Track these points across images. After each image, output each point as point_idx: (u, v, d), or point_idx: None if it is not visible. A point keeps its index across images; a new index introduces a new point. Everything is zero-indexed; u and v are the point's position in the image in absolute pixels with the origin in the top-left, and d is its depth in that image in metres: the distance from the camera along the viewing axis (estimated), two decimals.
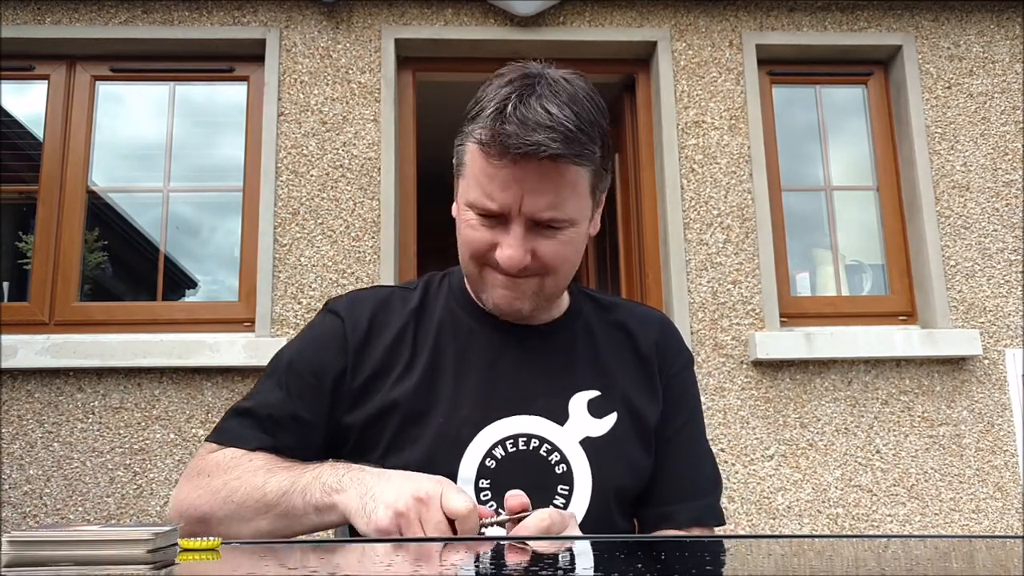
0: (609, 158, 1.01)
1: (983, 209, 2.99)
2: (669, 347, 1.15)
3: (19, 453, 2.62)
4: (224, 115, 3.09)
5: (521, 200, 0.93)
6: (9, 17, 2.92)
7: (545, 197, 0.93)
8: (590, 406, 1.05)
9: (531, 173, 0.92)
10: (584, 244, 1.04)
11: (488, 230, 0.97)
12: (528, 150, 0.90)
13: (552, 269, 0.99)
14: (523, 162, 0.91)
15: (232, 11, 2.98)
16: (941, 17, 3.14)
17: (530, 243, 0.96)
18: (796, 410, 2.79)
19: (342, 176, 2.88)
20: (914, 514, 2.74)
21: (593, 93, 0.98)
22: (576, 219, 0.98)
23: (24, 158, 3.15)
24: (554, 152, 0.90)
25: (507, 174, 0.92)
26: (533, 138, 0.90)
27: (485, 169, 0.94)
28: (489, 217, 0.96)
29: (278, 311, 2.75)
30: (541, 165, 0.91)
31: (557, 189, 0.94)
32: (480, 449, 1.00)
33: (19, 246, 3.19)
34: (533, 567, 0.59)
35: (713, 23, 3.08)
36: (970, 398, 2.83)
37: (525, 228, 0.95)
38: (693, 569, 0.60)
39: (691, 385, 1.16)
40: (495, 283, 1.00)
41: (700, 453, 1.14)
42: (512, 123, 0.90)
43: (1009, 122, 3.07)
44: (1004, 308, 2.92)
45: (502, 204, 0.94)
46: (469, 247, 1.00)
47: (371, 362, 1.04)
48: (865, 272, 3.12)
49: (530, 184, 0.93)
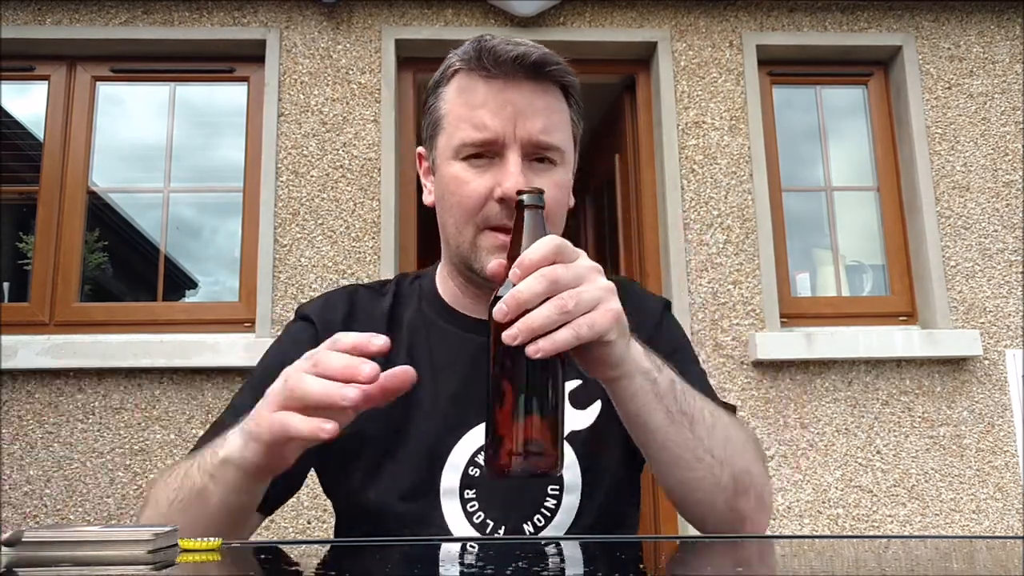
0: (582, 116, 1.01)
1: (983, 209, 2.99)
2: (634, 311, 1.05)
3: (19, 453, 2.62)
4: (224, 116, 3.09)
5: (515, 122, 0.91)
6: (9, 17, 2.92)
7: (539, 118, 0.92)
8: (572, 397, 0.99)
9: (522, 93, 0.92)
10: (568, 200, 1.00)
11: (481, 174, 0.93)
12: (517, 53, 0.90)
13: (550, 216, 0.92)
14: (512, 80, 0.91)
15: (232, 12, 2.98)
16: (941, 18, 3.14)
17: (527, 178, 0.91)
18: (796, 410, 2.79)
19: (342, 176, 2.88)
20: (914, 515, 2.74)
21: None
22: (565, 152, 0.96)
23: (24, 159, 3.16)
24: (540, 58, 0.91)
25: (498, 96, 0.92)
26: (519, 49, 0.91)
27: (472, 99, 0.93)
28: (480, 157, 0.93)
29: (278, 311, 2.75)
30: (531, 85, 0.92)
31: (549, 110, 0.94)
32: (462, 458, 0.95)
33: (19, 246, 3.19)
34: (533, 567, 0.59)
35: (713, 23, 3.08)
36: (970, 398, 2.83)
37: (522, 157, 0.92)
38: (694, 570, 0.59)
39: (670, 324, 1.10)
40: (492, 247, 0.93)
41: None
42: (496, 43, 0.92)
43: (1009, 122, 3.07)
44: (1004, 308, 2.91)
45: (496, 129, 0.91)
46: (461, 205, 0.94)
47: None
48: (865, 272, 3.12)
49: (522, 104, 0.92)
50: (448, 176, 0.95)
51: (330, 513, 2.72)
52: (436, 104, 0.97)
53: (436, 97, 0.98)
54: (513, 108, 0.91)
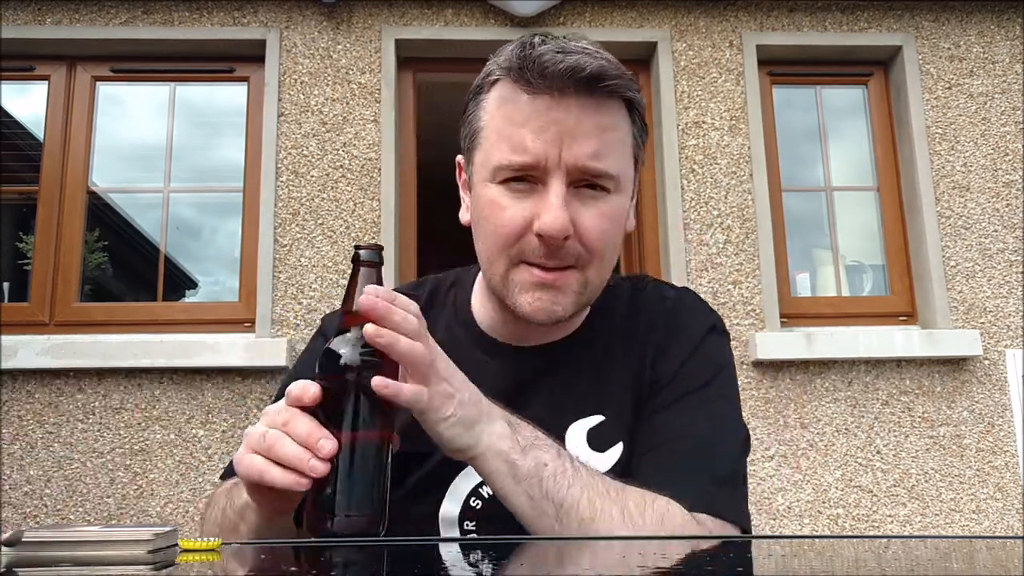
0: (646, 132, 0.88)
1: (983, 209, 2.99)
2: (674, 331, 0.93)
3: (19, 453, 2.62)
4: (224, 116, 3.09)
5: (561, 145, 0.79)
6: (9, 17, 2.92)
7: (588, 140, 0.80)
8: (591, 436, 0.89)
9: (570, 112, 0.79)
10: (624, 227, 0.88)
11: (520, 202, 0.82)
12: (568, 65, 0.77)
13: (595, 251, 0.83)
14: (558, 99, 0.79)
15: (232, 12, 2.98)
16: (941, 18, 3.14)
17: (571, 209, 0.81)
18: (796, 410, 2.79)
19: (342, 176, 2.88)
20: (914, 515, 2.74)
21: None
22: (620, 179, 0.84)
23: (24, 159, 3.16)
24: (596, 70, 0.78)
25: (542, 115, 0.79)
26: (571, 59, 0.78)
27: (514, 115, 0.81)
28: (521, 181, 0.82)
29: (278, 312, 2.75)
30: (581, 102, 0.79)
31: (601, 131, 0.81)
32: (465, 487, 0.89)
33: (19, 247, 3.19)
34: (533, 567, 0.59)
35: (713, 23, 3.08)
36: (970, 398, 2.83)
37: (566, 186, 0.81)
38: (693, 570, 0.60)
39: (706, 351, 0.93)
40: (527, 284, 0.84)
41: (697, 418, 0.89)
42: (544, 50, 0.79)
43: (1009, 122, 3.07)
44: (1004, 308, 2.91)
45: (537, 153, 0.80)
46: (496, 235, 0.83)
47: None
48: (865, 272, 3.12)
49: (570, 124, 0.79)
50: (484, 199, 0.85)
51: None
52: (475, 113, 0.86)
53: (476, 105, 0.87)
54: (559, 129, 0.79)
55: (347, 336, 0.72)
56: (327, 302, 2.77)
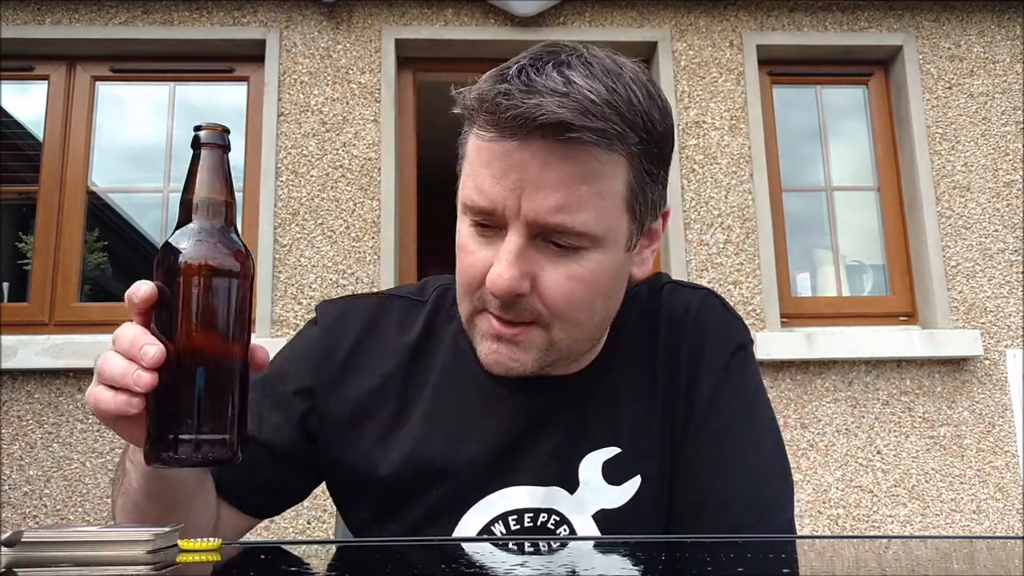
0: (661, 168, 0.76)
1: (984, 209, 2.99)
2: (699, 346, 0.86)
3: (19, 454, 2.62)
4: (224, 116, 3.09)
5: (520, 195, 0.70)
6: (9, 17, 2.92)
7: (552, 193, 0.69)
8: (606, 470, 0.82)
9: (535, 158, 0.69)
10: (615, 284, 0.78)
11: (484, 248, 0.74)
12: (521, 113, 0.67)
13: (557, 312, 0.74)
14: (525, 141, 0.68)
15: (232, 11, 2.98)
16: (942, 17, 3.14)
17: (530, 264, 0.72)
18: (797, 410, 2.79)
19: (342, 176, 2.88)
20: (915, 515, 2.74)
21: (650, 84, 0.74)
22: (598, 236, 0.72)
23: (24, 158, 3.16)
24: (557, 118, 0.66)
25: (504, 159, 0.70)
26: (532, 100, 0.67)
27: (479, 154, 0.72)
28: (485, 227, 0.74)
29: (278, 311, 2.75)
30: (550, 148, 0.68)
31: (570, 184, 0.69)
32: (473, 525, 0.82)
33: (19, 246, 3.19)
34: (534, 568, 0.59)
35: (714, 23, 3.08)
36: (971, 399, 2.83)
37: (526, 239, 0.72)
38: (694, 570, 0.59)
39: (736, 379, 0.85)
40: (487, 333, 0.77)
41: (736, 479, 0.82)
42: (514, 84, 0.69)
43: (1010, 122, 3.07)
44: (1005, 308, 2.91)
45: (495, 199, 0.71)
46: (462, 276, 0.77)
47: (346, 400, 0.86)
48: (866, 272, 3.12)
49: (533, 173, 0.69)
50: (458, 233, 0.78)
51: (330, 513, 2.72)
52: (463, 137, 0.77)
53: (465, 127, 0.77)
54: (520, 177, 0.69)
55: (187, 228, 0.63)
56: None
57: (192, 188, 0.65)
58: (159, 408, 0.61)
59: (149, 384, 0.60)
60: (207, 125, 0.66)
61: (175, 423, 0.60)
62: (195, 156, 0.66)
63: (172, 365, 0.61)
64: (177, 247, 0.62)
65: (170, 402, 0.61)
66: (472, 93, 0.72)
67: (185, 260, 0.62)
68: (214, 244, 0.63)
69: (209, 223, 0.64)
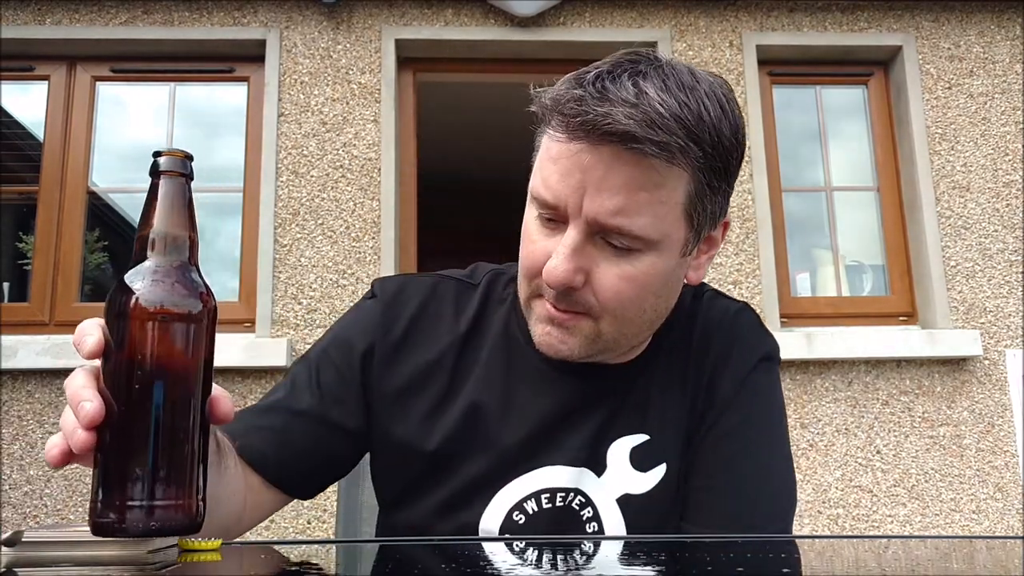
0: (724, 180, 0.78)
1: (983, 210, 2.99)
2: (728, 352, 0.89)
3: (19, 453, 2.62)
4: (224, 116, 3.09)
5: (583, 194, 0.73)
6: (9, 17, 2.92)
7: (613, 196, 0.73)
8: (633, 455, 0.86)
9: (601, 161, 0.72)
10: (668, 286, 0.81)
11: (547, 238, 0.78)
12: (590, 120, 0.70)
13: (607, 307, 0.78)
14: (593, 145, 0.72)
15: (232, 12, 2.98)
16: (941, 18, 3.14)
17: (586, 259, 0.76)
18: (796, 411, 2.79)
19: (342, 176, 2.88)
20: (914, 515, 2.74)
21: (727, 100, 0.77)
22: (654, 240, 0.76)
23: (24, 159, 3.16)
24: (623, 129, 0.69)
25: (571, 158, 0.73)
26: (602, 109, 0.70)
27: (549, 150, 0.76)
28: (549, 220, 0.78)
29: (278, 312, 2.75)
30: (616, 153, 0.71)
31: (631, 189, 0.73)
32: (507, 501, 0.85)
33: (19, 246, 3.19)
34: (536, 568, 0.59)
35: (713, 23, 3.08)
36: (970, 399, 2.83)
37: (584, 236, 0.75)
38: (693, 570, 0.60)
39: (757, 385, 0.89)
40: (541, 315, 0.81)
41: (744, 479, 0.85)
42: (588, 90, 0.72)
43: (1009, 123, 3.07)
44: (1004, 308, 2.92)
45: (559, 195, 0.75)
46: (523, 265, 0.81)
47: (400, 374, 0.89)
48: (865, 273, 3.12)
49: (597, 175, 0.72)
50: (525, 221, 0.82)
51: (330, 513, 2.72)
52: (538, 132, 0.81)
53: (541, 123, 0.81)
54: (584, 177, 0.73)
55: (143, 266, 0.57)
56: (327, 302, 2.77)
57: (150, 221, 0.58)
58: (105, 469, 0.54)
59: (84, 444, 0.54)
60: (167, 151, 0.59)
61: (122, 486, 0.53)
62: (153, 185, 0.59)
63: (121, 420, 0.54)
64: (131, 287, 0.56)
65: (117, 462, 0.54)
66: (549, 95, 0.76)
67: (138, 303, 0.55)
68: (172, 285, 0.57)
69: (167, 261, 0.57)
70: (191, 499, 0.55)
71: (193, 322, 0.57)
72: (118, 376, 0.55)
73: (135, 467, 0.53)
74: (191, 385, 0.57)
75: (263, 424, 0.87)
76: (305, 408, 0.88)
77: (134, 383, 0.54)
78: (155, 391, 0.55)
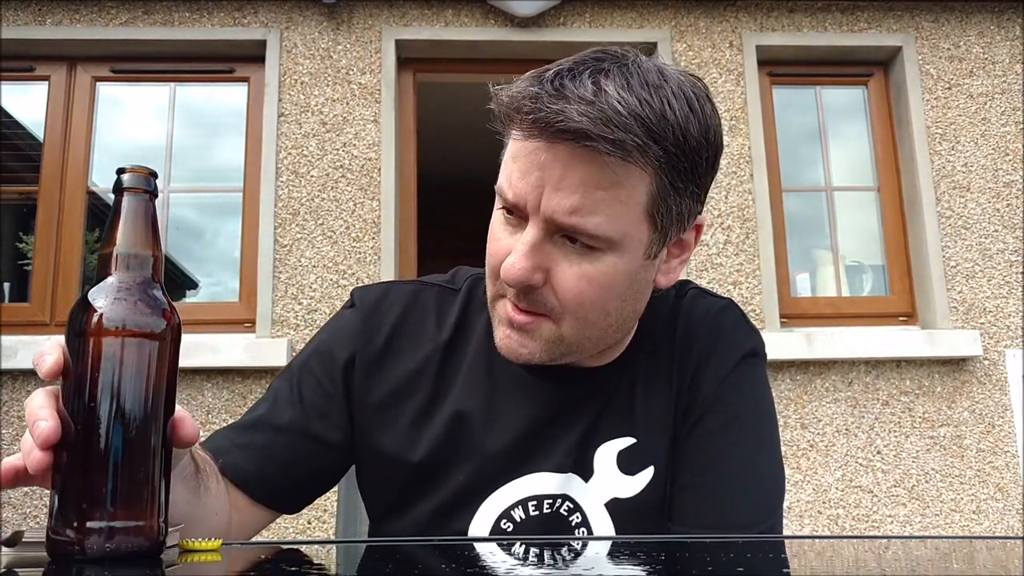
0: (692, 181, 0.76)
1: (983, 210, 2.99)
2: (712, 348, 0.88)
3: None
4: (224, 116, 3.09)
5: (541, 192, 0.73)
6: (9, 18, 2.92)
7: (570, 195, 0.71)
8: (620, 459, 0.85)
9: (558, 160, 0.71)
10: (632, 287, 0.79)
11: (509, 236, 0.78)
12: (542, 117, 0.69)
13: (568, 308, 0.77)
14: (549, 143, 0.71)
15: (232, 12, 2.98)
16: (941, 18, 3.14)
17: (545, 258, 0.75)
18: (796, 411, 2.79)
19: (342, 177, 2.88)
20: (915, 515, 2.74)
21: (697, 99, 0.75)
22: (613, 240, 0.74)
23: (24, 159, 3.15)
24: (577, 127, 0.68)
25: (529, 156, 0.73)
26: (556, 106, 0.69)
27: (510, 149, 0.76)
28: (512, 217, 0.78)
29: (278, 312, 2.75)
30: (571, 152, 0.70)
31: (587, 188, 0.71)
32: (495, 509, 0.85)
33: (20, 247, 3.19)
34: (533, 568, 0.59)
35: (713, 24, 3.08)
36: (971, 399, 2.83)
37: (543, 234, 0.74)
38: (693, 570, 0.60)
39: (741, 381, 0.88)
40: (503, 318, 0.80)
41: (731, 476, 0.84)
42: (545, 87, 0.71)
43: (1009, 123, 3.07)
44: (1004, 309, 2.92)
45: (517, 194, 0.74)
46: (488, 264, 0.81)
47: (383, 384, 0.88)
48: (865, 273, 3.12)
49: (555, 174, 0.71)
50: (492, 219, 0.81)
51: (330, 513, 2.72)
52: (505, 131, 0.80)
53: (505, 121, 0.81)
54: (542, 175, 0.72)
55: (105, 284, 0.56)
56: (327, 302, 2.77)
57: (113, 238, 0.57)
58: (63, 490, 0.53)
59: (39, 465, 0.53)
60: (131, 168, 0.58)
61: (80, 508, 0.52)
62: (117, 202, 0.58)
63: (80, 440, 0.53)
64: (93, 305, 0.55)
65: (76, 483, 0.53)
66: (507, 93, 0.75)
67: (99, 321, 0.54)
68: (134, 303, 0.56)
69: (130, 278, 0.57)
70: (152, 520, 0.55)
71: (155, 339, 0.56)
72: (79, 395, 0.54)
73: (93, 488, 0.53)
74: (152, 404, 0.55)
75: (245, 442, 0.87)
76: (287, 423, 0.87)
77: (94, 402, 0.54)
78: (115, 410, 0.54)
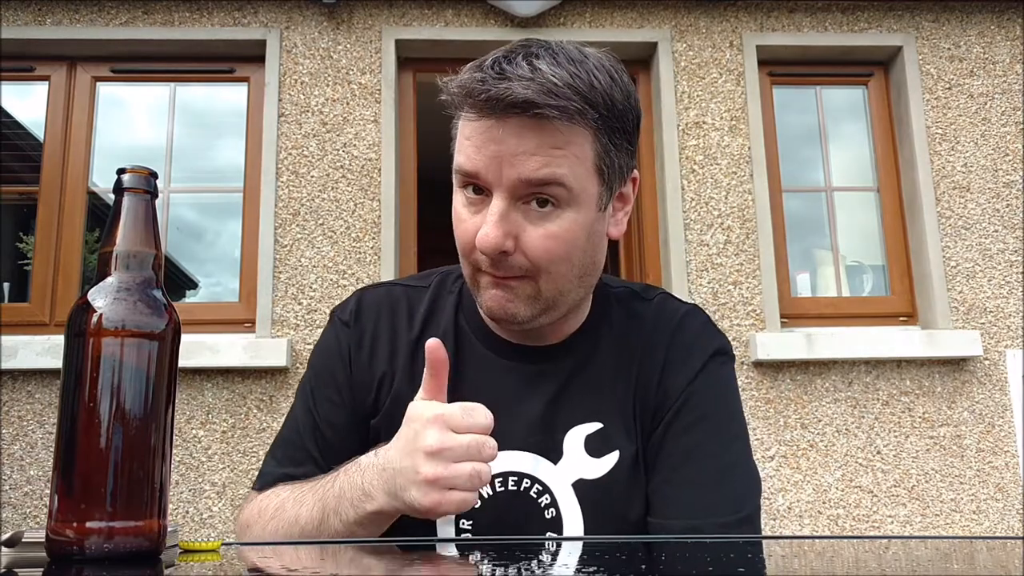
0: (625, 139, 0.85)
1: (983, 210, 2.99)
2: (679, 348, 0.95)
3: (19, 454, 2.62)
4: (224, 116, 3.09)
5: (500, 164, 0.80)
6: (9, 18, 2.92)
7: (531, 157, 0.79)
8: (588, 443, 0.91)
9: (511, 133, 0.79)
10: (590, 240, 0.87)
11: (473, 215, 0.84)
12: (492, 95, 0.78)
13: (540, 265, 0.84)
14: (501, 119, 0.79)
15: (233, 12, 2.98)
16: (941, 18, 3.14)
17: (512, 225, 0.82)
18: (797, 411, 2.79)
19: (342, 177, 2.88)
20: (915, 515, 2.74)
21: (615, 70, 0.84)
22: (574, 191, 0.82)
23: (25, 159, 3.16)
24: (524, 98, 0.77)
25: (484, 133, 0.80)
26: (502, 84, 0.78)
27: (463, 131, 0.83)
28: (475, 194, 0.84)
29: (278, 312, 2.75)
30: (522, 122, 0.79)
31: (544, 148, 0.79)
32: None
33: (19, 247, 3.19)
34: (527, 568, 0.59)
35: (714, 24, 3.08)
36: (971, 399, 2.83)
37: (508, 203, 0.81)
38: (693, 570, 0.59)
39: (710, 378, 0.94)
40: (486, 284, 0.87)
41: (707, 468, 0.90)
42: (487, 72, 0.80)
43: (1009, 123, 3.07)
44: (1005, 309, 2.91)
45: (477, 165, 0.81)
46: (459, 245, 0.87)
47: (372, 382, 0.96)
48: (866, 273, 3.12)
49: (511, 144, 0.79)
50: (454, 205, 0.88)
51: None
52: (454, 122, 0.88)
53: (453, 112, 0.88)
54: (499, 148, 0.80)
55: (105, 284, 0.57)
56: (327, 302, 2.77)
57: (113, 238, 0.58)
58: (63, 490, 0.54)
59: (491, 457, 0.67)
60: (131, 168, 0.59)
61: (81, 508, 0.53)
62: (117, 203, 0.59)
63: (79, 439, 0.53)
64: (92, 305, 0.56)
65: (76, 483, 0.53)
66: (455, 83, 0.83)
67: (99, 321, 0.55)
68: (134, 303, 0.56)
69: (129, 278, 0.57)
70: (152, 520, 0.55)
71: (154, 339, 0.56)
72: (79, 395, 0.54)
73: (93, 488, 0.53)
74: (152, 404, 0.56)
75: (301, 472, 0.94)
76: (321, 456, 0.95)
77: (93, 402, 0.54)
78: (115, 410, 0.54)
